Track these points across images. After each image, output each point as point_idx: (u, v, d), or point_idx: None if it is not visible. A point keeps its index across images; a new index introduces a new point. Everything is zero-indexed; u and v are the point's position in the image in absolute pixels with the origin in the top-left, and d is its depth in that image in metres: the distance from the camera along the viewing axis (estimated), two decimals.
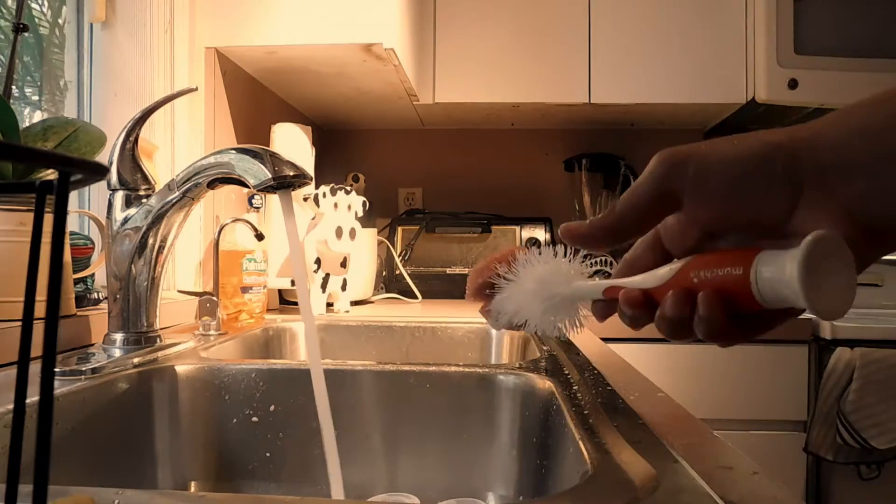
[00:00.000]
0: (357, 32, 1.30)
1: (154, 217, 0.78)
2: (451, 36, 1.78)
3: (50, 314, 0.21)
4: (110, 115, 1.24)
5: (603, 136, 2.11)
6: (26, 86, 1.26)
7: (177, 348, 0.84)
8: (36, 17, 1.27)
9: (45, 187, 0.22)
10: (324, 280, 1.35)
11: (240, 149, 0.73)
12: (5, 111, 0.75)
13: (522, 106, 1.85)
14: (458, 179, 2.17)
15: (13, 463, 0.21)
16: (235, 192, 1.41)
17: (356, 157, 2.18)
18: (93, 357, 0.74)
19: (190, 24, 1.30)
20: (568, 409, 0.58)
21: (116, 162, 0.79)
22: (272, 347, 1.16)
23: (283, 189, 0.69)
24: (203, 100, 1.33)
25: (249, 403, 0.78)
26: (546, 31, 1.77)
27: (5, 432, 0.54)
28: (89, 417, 0.65)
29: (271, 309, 1.40)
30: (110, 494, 0.37)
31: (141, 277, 0.79)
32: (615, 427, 0.51)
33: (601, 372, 0.72)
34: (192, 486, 0.77)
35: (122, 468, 0.69)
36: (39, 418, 0.21)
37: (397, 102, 1.79)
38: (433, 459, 0.76)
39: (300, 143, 1.40)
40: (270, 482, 0.77)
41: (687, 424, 0.53)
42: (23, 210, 0.77)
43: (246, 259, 1.20)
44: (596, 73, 1.76)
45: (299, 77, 1.55)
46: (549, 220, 1.86)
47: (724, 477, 0.40)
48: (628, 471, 0.42)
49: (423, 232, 1.85)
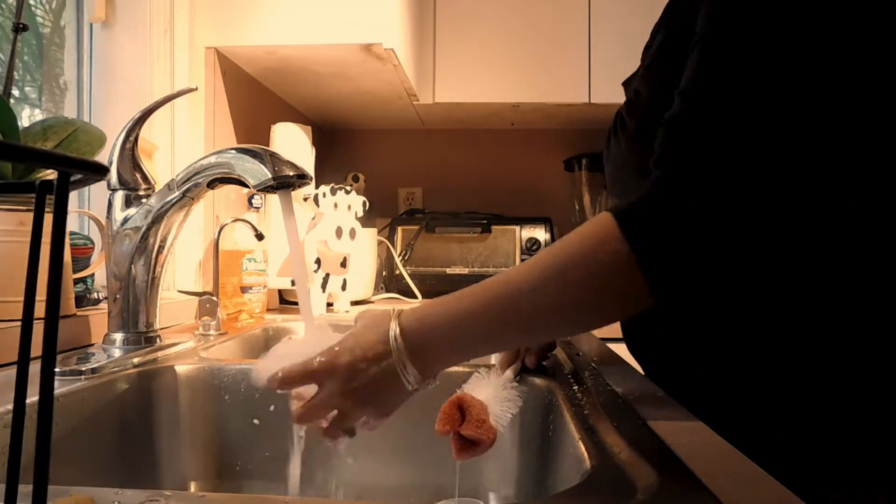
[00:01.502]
0: (357, 32, 1.30)
1: (154, 217, 0.78)
2: (451, 36, 1.78)
3: (50, 314, 0.21)
4: (110, 115, 1.24)
5: (603, 136, 2.10)
6: (26, 86, 1.26)
7: (177, 348, 0.84)
8: (36, 17, 1.27)
9: (45, 187, 0.22)
10: (324, 280, 1.35)
11: (240, 149, 0.73)
12: (5, 111, 0.75)
13: (522, 106, 1.85)
14: (458, 179, 2.17)
15: (13, 463, 0.21)
16: (235, 192, 1.41)
17: (356, 157, 2.18)
18: (93, 357, 0.74)
19: (190, 24, 1.30)
20: (568, 409, 0.58)
21: (116, 162, 0.79)
22: (272, 347, 1.16)
23: (283, 189, 0.69)
24: (203, 100, 1.33)
25: (249, 403, 0.78)
26: (546, 31, 1.77)
27: (5, 432, 0.54)
28: (89, 417, 0.65)
29: (271, 309, 1.40)
30: (110, 494, 0.37)
31: (141, 277, 0.79)
32: (615, 427, 0.51)
33: (601, 372, 0.72)
34: (192, 486, 0.77)
35: (122, 468, 0.69)
36: (39, 418, 0.21)
37: (397, 102, 1.79)
38: (433, 459, 0.76)
39: (300, 143, 1.40)
40: (270, 482, 0.77)
41: (687, 424, 0.53)
42: (23, 210, 0.77)
43: (246, 259, 1.20)
44: (596, 73, 1.76)
45: (299, 77, 1.55)
46: (549, 220, 1.86)
47: (727, 477, 0.40)
48: (628, 471, 0.42)
49: (423, 232, 1.85)
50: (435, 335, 0.53)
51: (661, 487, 0.38)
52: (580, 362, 0.78)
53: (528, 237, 1.83)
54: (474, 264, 1.82)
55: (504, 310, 0.52)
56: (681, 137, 0.52)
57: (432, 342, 0.53)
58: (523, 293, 0.52)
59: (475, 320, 0.53)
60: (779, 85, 0.50)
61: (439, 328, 0.53)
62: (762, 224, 0.50)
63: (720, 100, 0.51)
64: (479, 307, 0.53)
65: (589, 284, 0.51)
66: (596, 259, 0.50)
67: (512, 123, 2.11)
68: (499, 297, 0.52)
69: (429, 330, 0.53)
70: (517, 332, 0.55)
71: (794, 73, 0.50)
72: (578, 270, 0.50)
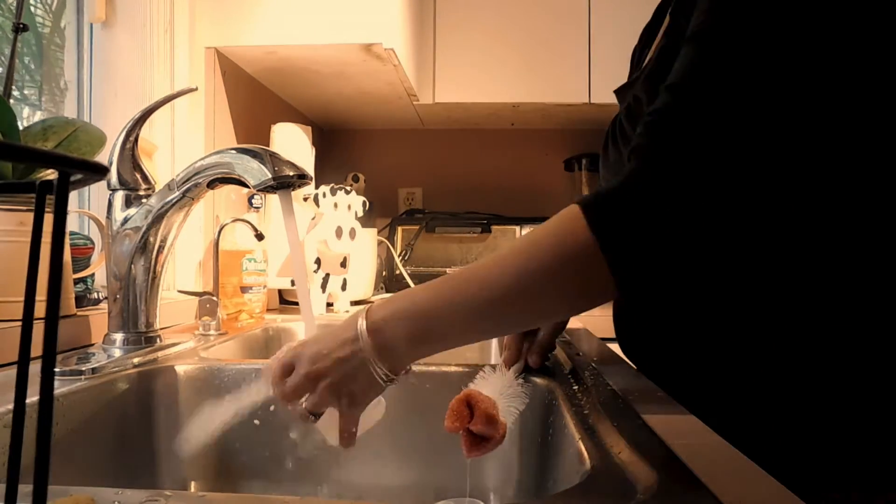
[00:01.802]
0: (357, 32, 1.30)
1: (154, 217, 0.78)
2: (451, 36, 1.78)
3: (50, 314, 0.21)
4: (110, 115, 1.24)
5: (603, 136, 2.10)
6: (26, 86, 1.26)
7: (177, 348, 0.84)
8: (36, 17, 1.27)
9: (45, 187, 0.22)
10: (324, 280, 1.35)
11: (240, 149, 0.73)
12: (5, 111, 0.75)
13: (522, 106, 1.85)
14: (458, 179, 2.17)
15: (13, 463, 0.21)
16: (235, 192, 1.41)
17: (356, 157, 2.18)
18: (93, 357, 0.74)
19: (190, 24, 1.30)
20: (568, 409, 0.58)
21: (116, 162, 0.79)
22: (272, 347, 1.16)
23: (283, 189, 0.69)
24: (203, 100, 1.33)
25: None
26: (546, 32, 1.77)
27: (5, 432, 0.54)
28: (89, 417, 0.65)
29: (271, 309, 1.40)
30: (110, 494, 0.37)
31: (141, 277, 0.79)
32: (615, 427, 0.51)
33: (601, 371, 0.72)
34: (192, 486, 0.77)
35: (122, 468, 0.69)
36: (39, 418, 0.21)
37: (397, 102, 1.79)
38: (433, 459, 0.76)
39: (300, 143, 1.40)
40: (270, 482, 0.77)
41: (687, 424, 0.53)
42: (23, 210, 0.77)
43: (246, 259, 1.20)
44: (596, 73, 1.76)
45: (299, 77, 1.55)
46: None
47: (727, 477, 0.40)
48: (628, 471, 0.42)
49: (423, 232, 1.85)
50: (401, 329, 0.53)
51: (661, 487, 0.38)
52: (580, 362, 0.78)
53: None
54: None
55: (471, 299, 0.52)
56: (662, 130, 0.52)
57: (399, 336, 0.53)
58: (489, 281, 0.52)
59: (442, 311, 0.53)
60: (769, 84, 0.50)
61: (406, 321, 0.53)
62: (736, 221, 0.50)
63: (706, 96, 0.51)
64: (445, 298, 0.53)
65: (555, 273, 0.51)
66: (563, 248, 0.51)
67: (512, 123, 2.11)
68: (466, 287, 0.53)
69: (395, 323, 0.53)
70: (485, 322, 0.55)
71: (786, 73, 0.50)
72: (544, 259, 0.51)
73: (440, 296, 0.53)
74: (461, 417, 0.53)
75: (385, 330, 0.53)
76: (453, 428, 0.53)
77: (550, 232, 0.52)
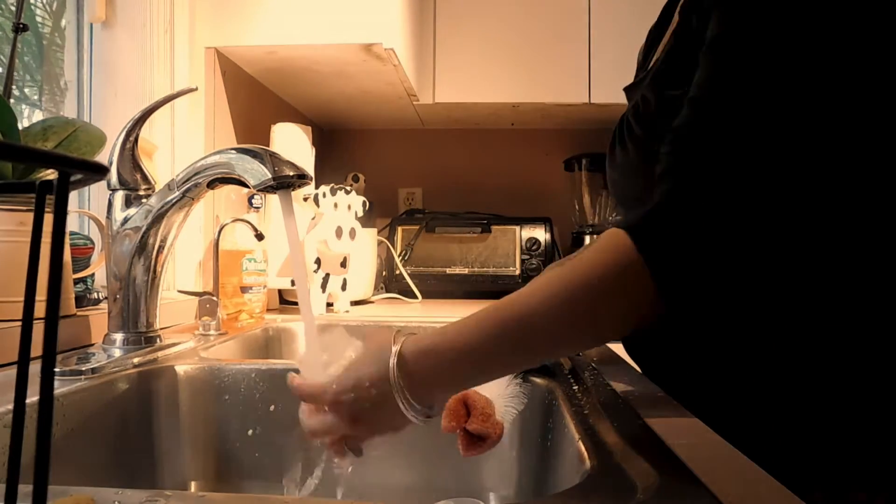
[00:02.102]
0: (357, 32, 1.30)
1: (154, 217, 0.78)
2: (451, 36, 1.78)
3: (50, 314, 0.21)
4: (110, 115, 1.24)
5: (603, 136, 2.10)
6: (26, 86, 1.26)
7: (177, 348, 0.84)
8: (36, 17, 1.27)
9: (45, 187, 0.22)
10: (324, 280, 1.35)
11: (240, 149, 0.73)
12: (5, 111, 0.75)
13: (522, 106, 1.85)
14: (458, 179, 2.17)
15: (13, 463, 0.21)
16: (235, 192, 1.41)
17: (356, 157, 2.18)
18: (93, 357, 0.74)
19: (190, 24, 1.30)
20: (568, 409, 0.58)
21: (116, 162, 0.79)
22: (272, 347, 1.16)
23: (283, 189, 0.69)
24: (203, 100, 1.33)
25: (249, 403, 0.78)
26: (546, 31, 1.77)
27: (5, 432, 0.54)
28: (89, 417, 0.65)
29: (271, 309, 1.40)
30: (110, 494, 0.37)
31: (141, 277, 0.79)
32: (615, 427, 0.51)
33: (601, 371, 0.72)
34: (192, 486, 0.77)
35: (122, 468, 0.69)
36: (39, 418, 0.21)
37: (397, 102, 1.79)
38: (433, 459, 0.76)
39: (300, 143, 1.40)
40: (270, 482, 0.77)
41: (687, 424, 0.53)
42: (23, 210, 0.77)
43: (246, 259, 1.20)
44: (596, 73, 1.76)
45: (299, 77, 1.55)
46: (549, 220, 1.86)
47: (726, 477, 0.40)
48: (628, 471, 0.42)
49: (423, 232, 1.85)
50: (435, 371, 0.51)
51: (661, 487, 0.38)
52: (580, 362, 0.78)
53: (528, 237, 1.83)
54: (474, 264, 1.82)
55: (510, 338, 0.51)
56: (689, 147, 0.52)
57: (433, 377, 0.52)
58: (529, 319, 0.50)
59: (479, 353, 0.51)
60: (789, 95, 0.50)
61: (441, 364, 0.51)
62: (770, 232, 0.51)
63: (728, 109, 0.51)
64: (483, 339, 0.51)
65: (600, 303, 0.50)
66: (606, 275, 0.49)
67: (512, 123, 2.11)
68: (504, 327, 0.51)
69: (430, 366, 0.51)
70: (524, 357, 0.53)
71: (805, 83, 0.50)
72: (588, 290, 0.50)
73: (477, 340, 0.51)
74: (458, 417, 0.54)
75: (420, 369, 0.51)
76: (450, 427, 0.53)
77: (595, 262, 0.50)
